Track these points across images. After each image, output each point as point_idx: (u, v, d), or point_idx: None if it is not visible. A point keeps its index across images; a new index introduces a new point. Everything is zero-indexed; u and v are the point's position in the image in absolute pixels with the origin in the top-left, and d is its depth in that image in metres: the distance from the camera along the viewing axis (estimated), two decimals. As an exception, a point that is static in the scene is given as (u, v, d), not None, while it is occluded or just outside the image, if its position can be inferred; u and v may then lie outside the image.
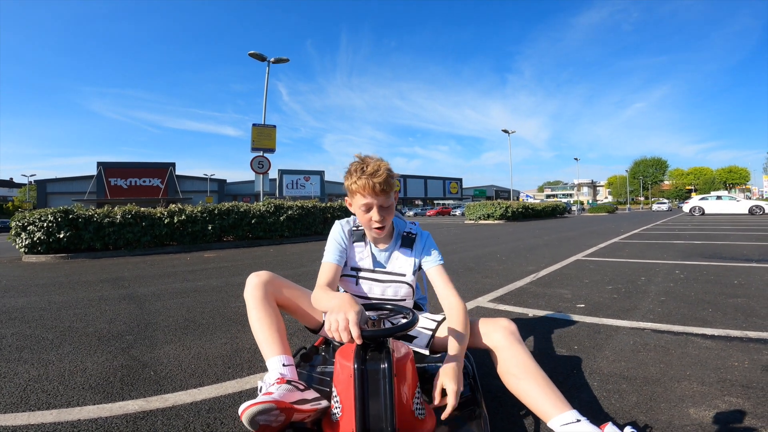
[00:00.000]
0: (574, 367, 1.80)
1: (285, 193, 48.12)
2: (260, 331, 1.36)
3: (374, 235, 1.47)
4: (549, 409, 1.11)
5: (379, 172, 1.34)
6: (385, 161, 1.40)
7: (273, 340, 1.32)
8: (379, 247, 1.51)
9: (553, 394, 1.13)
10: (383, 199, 1.36)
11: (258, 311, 1.38)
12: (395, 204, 1.44)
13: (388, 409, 0.91)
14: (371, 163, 1.37)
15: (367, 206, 1.38)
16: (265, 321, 1.36)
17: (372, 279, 1.48)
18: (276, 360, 1.28)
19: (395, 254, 1.50)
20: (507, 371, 1.22)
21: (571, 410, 1.09)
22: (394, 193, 1.42)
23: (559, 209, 26.54)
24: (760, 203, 21.42)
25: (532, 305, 2.98)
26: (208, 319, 2.75)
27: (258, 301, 1.39)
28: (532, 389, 1.15)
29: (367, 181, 1.33)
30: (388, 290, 1.47)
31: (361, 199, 1.38)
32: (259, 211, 9.54)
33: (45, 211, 7.45)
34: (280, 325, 1.38)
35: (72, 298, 3.57)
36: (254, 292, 1.40)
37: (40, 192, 42.20)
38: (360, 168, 1.37)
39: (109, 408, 1.49)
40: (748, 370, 1.72)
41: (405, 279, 1.48)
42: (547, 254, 6.09)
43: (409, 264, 1.49)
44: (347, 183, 1.41)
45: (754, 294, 3.15)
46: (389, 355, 0.96)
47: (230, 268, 5.43)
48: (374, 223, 1.39)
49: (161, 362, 1.96)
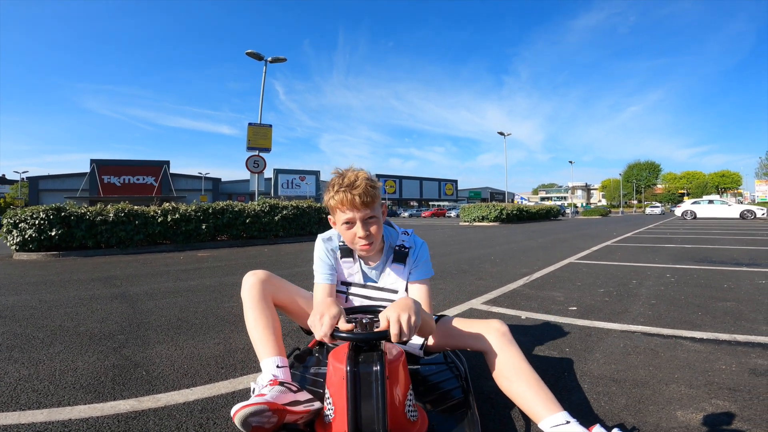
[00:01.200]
0: (566, 369, 1.82)
1: (280, 192, 48.00)
2: (255, 330, 1.35)
3: (362, 254, 1.37)
4: (540, 411, 1.12)
5: (357, 182, 1.24)
6: (364, 171, 1.30)
7: (268, 341, 1.31)
8: (369, 265, 1.43)
9: (545, 396, 1.14)
10: (365, 212, 1.26)
11: (254, 311, 1.37)
12: (383, 217, 1.34)
13: (380, 411, 0.92)
14: (348, 175, 1.27)
15: (349, 222, 1.27)
16: (261, 321, 1.35)
17: (363, 296, 1.45)
18: (270, 361, 1.27)
19: (387, 270, 1.43)
20: (500, 373, 1.22)
21: (561, 412, 1.11)
22: (380, 205, 1.32)
23: (553, 212, 26.70)
24: (751, 207, 21.71)
25: (525, 307, 3.00)
26: (201, 319, 2.74)
27: (254, 301, 1.37)
28: (524, 391, 1.16)
29: (345, 194, 1.23)
30: (380, 309, 1.44)
31: (341, 215, 1.28)
32: (254, 210, 9.50)
33: (37, 208, 7.37)
34: (275, 325, 1.37)
35: (63, 297, 3.54)
36: (251, 291, 1.39)
37: (32, 189, 41.74)
38: (338, 182, 1.26)
39: (100, 408, 1.48)
40: (735, 373, 1.75)
41: (397, 296, 1.42)
42: (541, 257, 6.13)
43: (402, 280, 1.42)
44: (326, 199, 1.31)
45: (743, 298, 3.19)
46: (382, 357, 0.96)
47: (224, 267, 5.41)
48: (359, 240, 1.29)
49: (153, 362, 1.95)
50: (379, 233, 1.34)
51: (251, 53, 12.96)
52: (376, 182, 1.30)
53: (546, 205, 27.08)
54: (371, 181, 1.28)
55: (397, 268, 1.43)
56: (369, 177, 1.29)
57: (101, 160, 41.79)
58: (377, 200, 1.29)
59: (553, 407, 1.12)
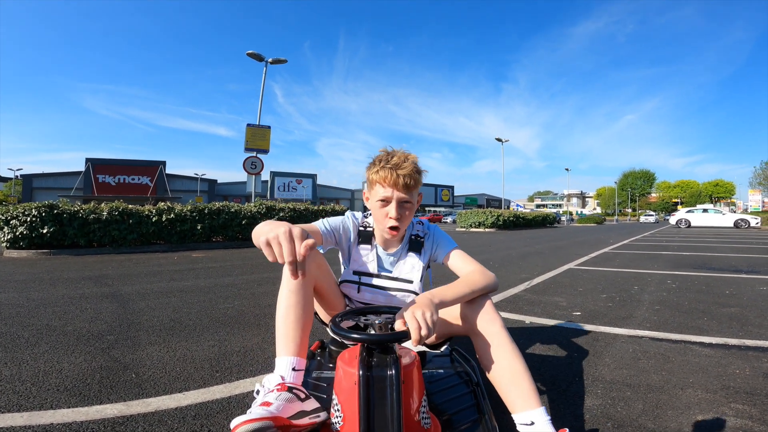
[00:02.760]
0: (576, 374, 1.75)
1: (276, 195, 47.77)
2: (284, 320, 1.15)
3: (386, 236, 1.30)
4: (517, 403, 1.06)
5: (404, 164, 1.22)
6: (413, 155, 1.28)
7: (293, 336, 1.14)
8: (388, 251, 1.38)
9: (527, 388, 1.07)
10: (405, 194, 1.23)
11: (292, 295, 1.16)
12: (417, 206, 1.30)
13: (395, 419, 0.84)
14: (397, 154, 1.25)
15: (385, 200, 1.24)
16: (294, 311, 1.15)
17: (377, 286, 1.36)
18: (286, 361, 1.13)
19: (403, 259, 1.38)
20: (483, 357, 1.14)
21: (535, 409, 1.04)
22: (417, 193, 1.29)
23: (549, 219, 26.74)
24: (745, 217, 21.86)
25: (528, 312, 2.93)
26: (195, 320, 2.64)
27: (298, 283, 1.16)
28: (505, 379, 1.09)
29: (390, 172, 1.21)
30: (393, 300, 1.36)
31: (380, 190, 1.24)
32: (251, 212, 9.40)
33: (29, 205, 7.23)
34: (307, 321, 1.18)
35: (52, 295, 3.43)
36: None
37: (26, 187, 41.21)
38: (385, 158, 1.24)
39: (85, 412, 1.39)
40: (750, 377, 1.69)
41: (412, 287, 1.36)
42: (540, 262, 6.07)
43: (417, 269, 1.36)
44: (368, 173, 1.28)
45: (746, 303, 3.15)
46: (397, 360, 0.89)
47: (219, 268, 5.30)
48: (389, 220, 1.24)
49: (144, 364, 1.86)
50: (409, 220, 1.31)
51: (252, 54, 12.90)
52: (421, 169, 1.28)
53: (542, 212, 27.14)
54: (417, 167, 1.26)
55: (412, 257, 1.38)
56: (416, 162, 1.26)
57: (96, 159, 41.33)
58: (418, 187, 1.27)
59: (532, 403, 1.05)
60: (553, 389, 1.60)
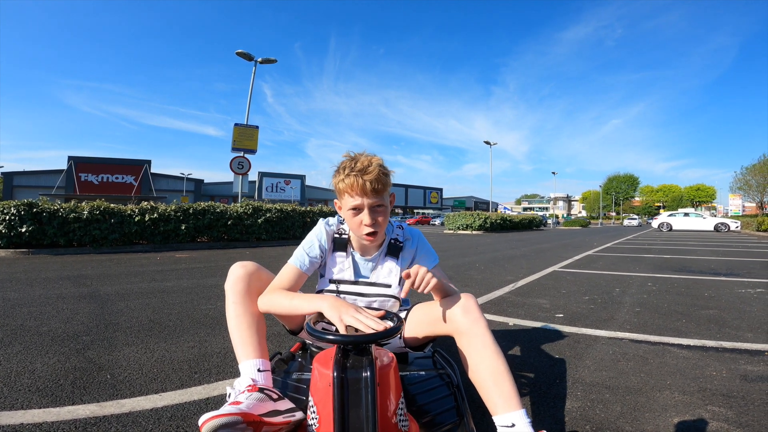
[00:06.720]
0: (557, 376, 1.76)
1: (264, 195, 47.33)
2: (237, 329, 1.20)
3: (364, 243, 1.29)
4: (498, 405, 1.06)
5: (369, 168, 1.18)
6: (377, 157, 1.24)
7: (250, 342, 1.18)
8: (366, 257, 1.35)
9: (509, 390, 1.06)
10: (375, 200, 1.20)
11: (238, 306, 1.21)
12: (390, 206, 1.28)
13: (370, 421, 0.83)
14: (361, 159, 1.21)
15: (356, 208, 1.21)
16: (244, 319, 1.20)
17: (355, 293, 1.34)
18: (250, 364, 1.15)
19: (381, 264, 1.35)
20: (465, 358, 1.13)
21: (516, 411, 1.03)
22: (389, 194, 1.26)
23: (535, 222, 27.06)
24: (725, 220, 22.45)
25: (512, 314, 2.95)
26: (175, 321, 2.59)
27: (239, 295, 1.22)
28: (487, 380, 1.08)
29: (356, 178, 1.17)
30: (373, 305, 1.34)
31: (349, 200, 1.21)
32: (237, 212, 9.29)
33: (8, 203, 7.03)
34: (260, 325, 1.23)
35: (28, 296, 3.33)
36: (237, 284, 1.24)
37: (6, 185, 40.07)
38: (349, 165, 1.20)
39: (56, 412, 1.35)
40: (726, 379, 1.72)
41: (391, 291, 1.34)
42: (525, 265, 6.13)
43: (395, 274, 1.34)
44: (335, 182, 1.25)
45: (725, 306, 3.22)
46: (372, 362, 0.88)
47: (202, 269, 5.23)
48: (364, 228, 1.22)
49: (120, 365, 1.81)
50: (385, 223, 1.27)
51: (241, 53, 12.79)
52: (388, 170, 1.24)
53: (529, 215, 27.41)
54: (384, 168, 1.22)
55: (390, 262, 1.35)
56: (382, 164, 1.22)
57: (79, 157, 40.45)
58: (388, 189, 1.24)
59: (512, 404, 1.04)
60: (534, 391, 1.61)
